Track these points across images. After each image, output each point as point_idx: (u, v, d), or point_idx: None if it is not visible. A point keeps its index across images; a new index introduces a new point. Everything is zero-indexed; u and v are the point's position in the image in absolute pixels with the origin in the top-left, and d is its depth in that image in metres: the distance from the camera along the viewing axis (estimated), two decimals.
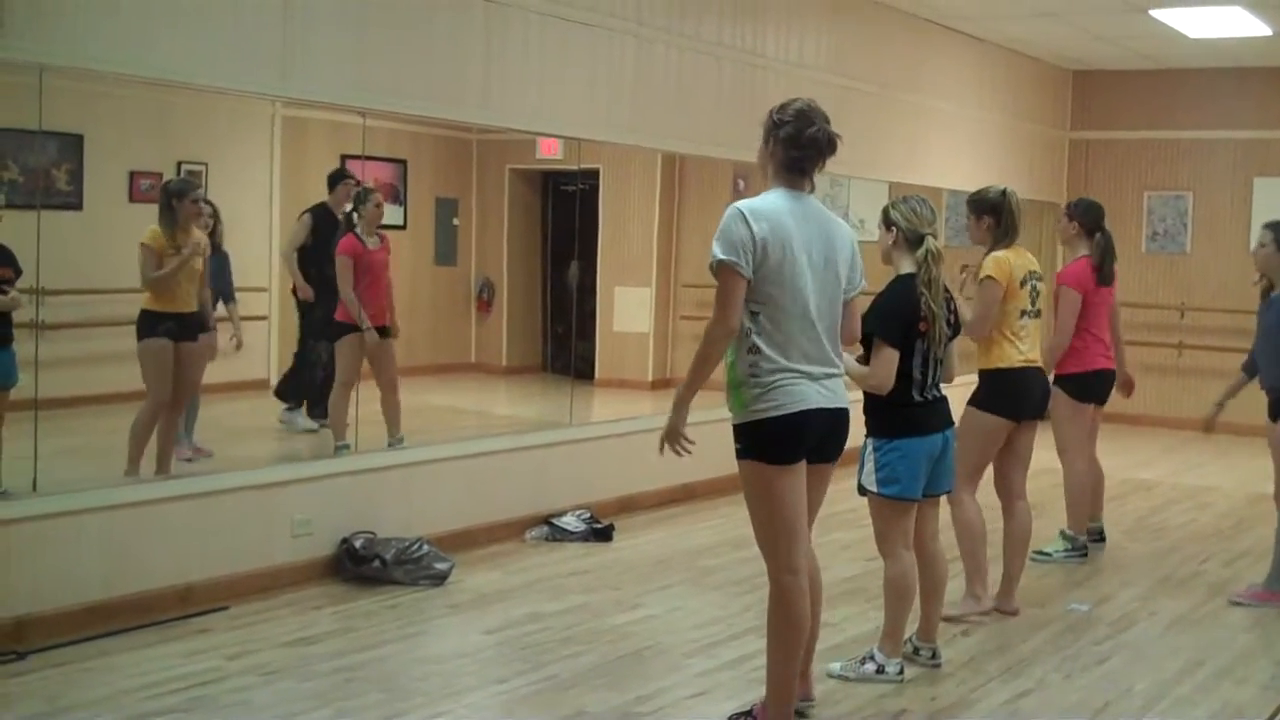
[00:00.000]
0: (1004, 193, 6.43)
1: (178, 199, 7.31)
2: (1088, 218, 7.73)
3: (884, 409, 5.38)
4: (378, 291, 8.53)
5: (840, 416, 4.74)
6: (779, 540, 4.67)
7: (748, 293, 4.55)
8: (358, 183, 8.95)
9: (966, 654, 5.97)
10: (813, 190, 4.75)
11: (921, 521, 5.64)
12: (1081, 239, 7.70)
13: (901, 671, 5.56)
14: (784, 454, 4.62)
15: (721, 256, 4.52)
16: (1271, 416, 6.81)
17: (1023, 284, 6.43)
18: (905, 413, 5.40)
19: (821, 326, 4.66)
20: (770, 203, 4.63)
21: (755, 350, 4.58)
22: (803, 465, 4.66)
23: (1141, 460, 11.16)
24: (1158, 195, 13.92)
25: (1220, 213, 13.65)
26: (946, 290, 5.57)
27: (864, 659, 5.58)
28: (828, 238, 4.70)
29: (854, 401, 4.83)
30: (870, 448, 5.45)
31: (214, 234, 8.04)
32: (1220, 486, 10.21)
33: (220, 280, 8.18)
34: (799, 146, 4.66)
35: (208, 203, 8.08)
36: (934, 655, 5.77)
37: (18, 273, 6.49)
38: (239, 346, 8.48)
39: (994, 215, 6.42)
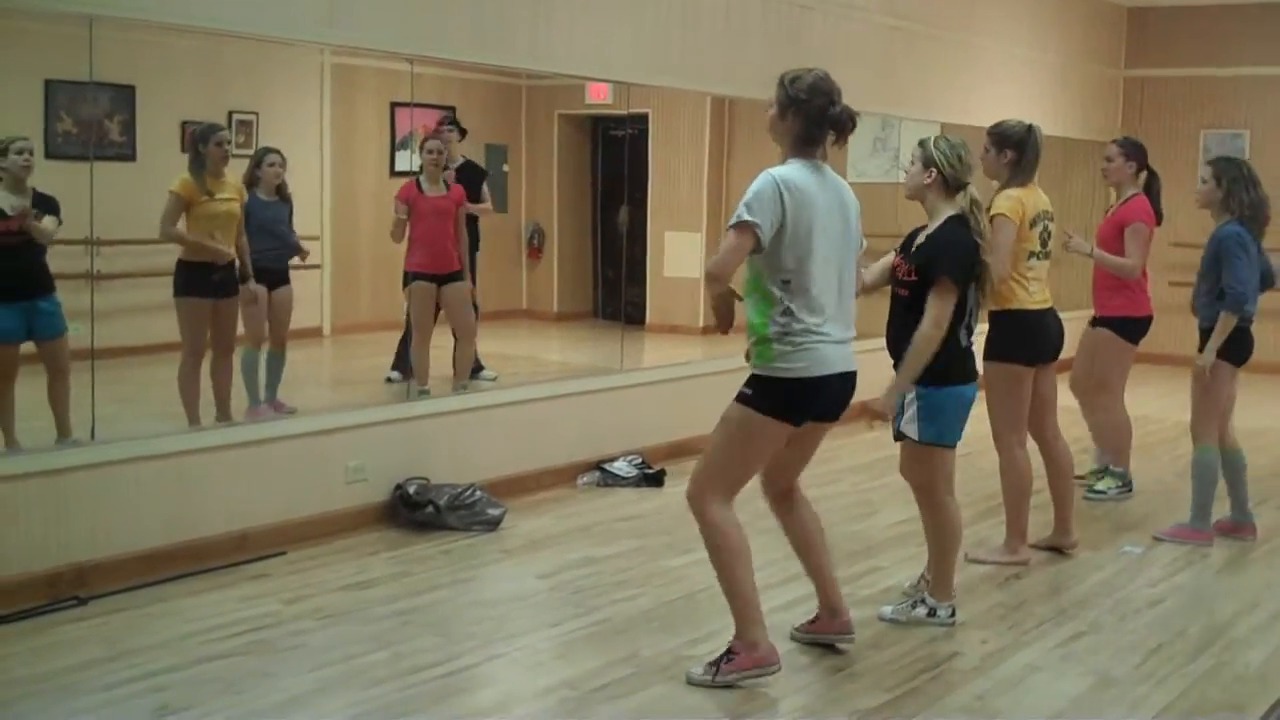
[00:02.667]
0: (1030, 128, 6.32)
1: (204, 143, 7.33)
2: (1142, 156, 7.69)
3: (940, 356, 5.28)
4: (432, 237, 8.60)
5: (852, 379, 4.86)
6: (733, 481, 4.83)
7: (777, 262, 4.65)
8: (462, 130, 9.09)
9: (1019, 597, 5.96)
10: (825, 158, 4.81)
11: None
12: (1132, 179, 7.65)
13: (953, 615, 5.55)
14: (795, 414, 4.75)
15: (748, 218, 4.60)
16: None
17: (1034, 224, 6.29)
18: (954, 359, 5.35)
19: (843, 292, 4.80)
20: (799, 174, 4.69)
21: (788, 314, 4.68)
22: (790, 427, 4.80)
23: None
24: (1214, 133, 13.71)
25: (1279, 150, 13.44)
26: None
27: (915, 603, 5.59)
28: (843, 205, 4.82)
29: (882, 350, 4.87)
30: (913, 393, 5.37)
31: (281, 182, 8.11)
32: (1273, 429, 10.09)
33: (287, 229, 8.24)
34: (820, 125, 4.73)
35: (276, 151, 8.12)
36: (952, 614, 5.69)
37: (60, 222, 6.56)
38: None
39: (1017, 150, 6.28)
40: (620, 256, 12.58)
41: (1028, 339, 6.31)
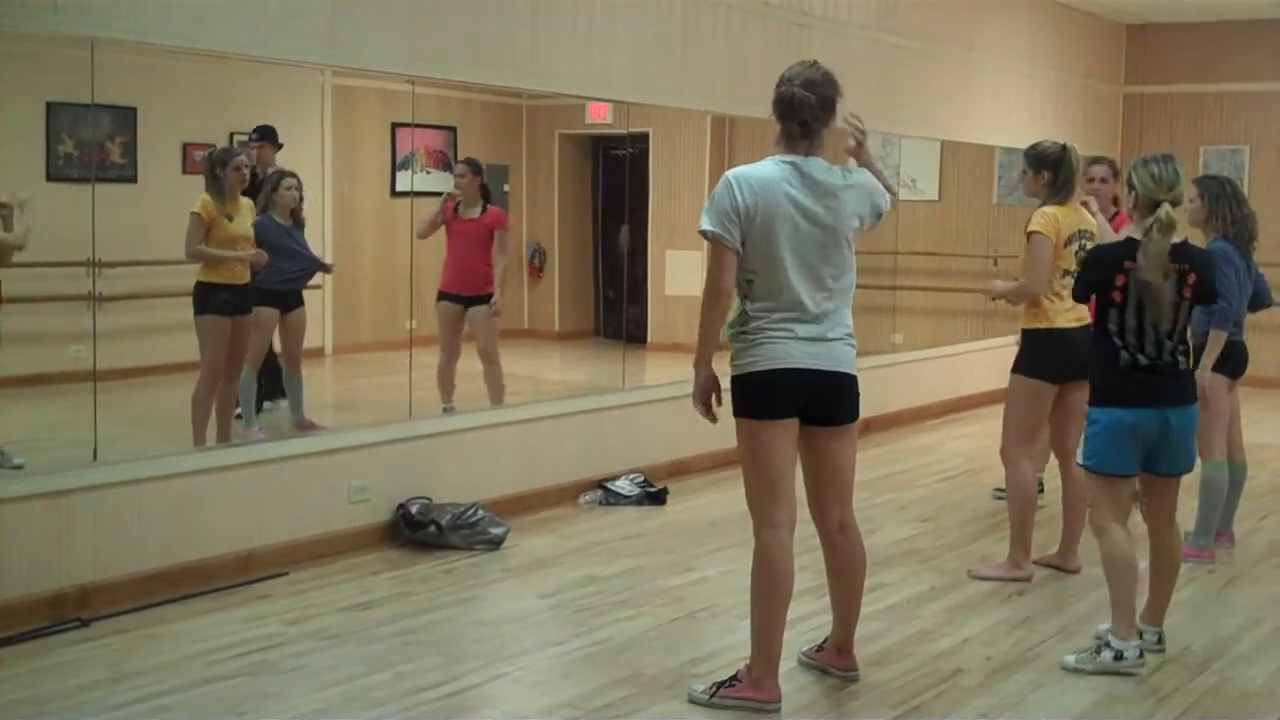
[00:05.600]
0: (1064, 148, 6.35)
1: (221, 167, 7.38)
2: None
3: (1097, 374, 5.23)
4: (460, 258, 8.72)
5: (831, 380, 4.72)
6: (762, 495, 4.74)
7: (743, 260, 4.63)
8: (277, 145, 8.99)
9: (1022, 613, 5.96)
10: (810, 152, 4.69)
11: (1157, 500, 5.42)
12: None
13: (1142, 655, 5.24)
14: (765, 409, 4.68)
15: (709, 228, 4.60)
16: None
17: (1069, 243, 6.30)
18: (1112, 379, 5.17)
19: (817, 293, 4.67)
20: (763, 171, 4.64)
21: (743, 311, 4.70)
22: (791, 424, 4.71)
23: None
24: (1214, 149, 13.75)
25: (1278, 166, 13.47)
26: (1187, 258, 5.18)
27: (1099, 647, 5.28)
28: (830, 197, 4.67)
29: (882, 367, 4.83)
30: (1089, 415, 5.30)
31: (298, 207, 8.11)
32: (1275, 444, 10.11)
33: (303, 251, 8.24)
34: (782, 113, 4.70)
35: (293, 175, 8.14)
36: (1159, 640, 5.49)
37: None
38: None
39: (1053, 170, 6.32)
40: (621, 275, 12.58)
41: (1053, 356, 6.29)
